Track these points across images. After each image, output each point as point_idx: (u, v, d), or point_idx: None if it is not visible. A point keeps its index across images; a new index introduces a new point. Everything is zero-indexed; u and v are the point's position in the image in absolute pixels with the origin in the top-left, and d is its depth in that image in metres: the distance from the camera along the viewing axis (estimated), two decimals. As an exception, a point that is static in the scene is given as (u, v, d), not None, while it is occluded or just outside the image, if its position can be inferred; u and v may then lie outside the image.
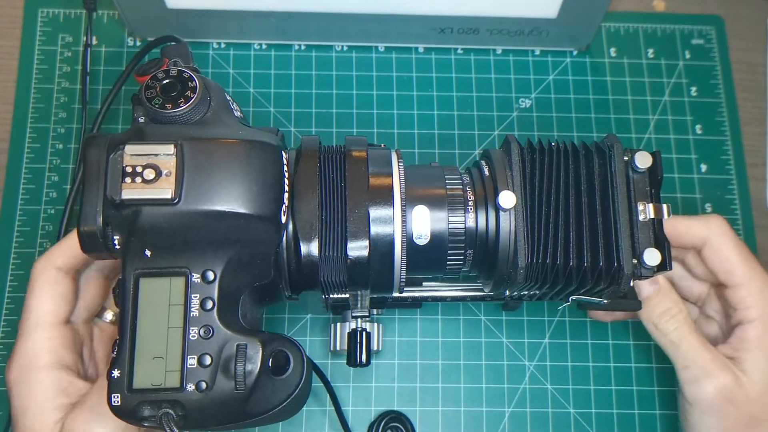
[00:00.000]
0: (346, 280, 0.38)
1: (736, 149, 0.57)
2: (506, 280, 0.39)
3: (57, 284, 0.41)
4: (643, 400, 0.51)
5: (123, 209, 0.34)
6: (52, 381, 0.39)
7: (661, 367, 0.52)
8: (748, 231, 0.55)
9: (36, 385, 0.39)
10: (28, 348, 0.40)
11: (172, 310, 0.34)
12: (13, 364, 0.40)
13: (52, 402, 0.39)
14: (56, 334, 0.40)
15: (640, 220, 0.38)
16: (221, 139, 0.35)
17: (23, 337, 0.40)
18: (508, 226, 0.38)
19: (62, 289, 0.41)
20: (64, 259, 0.41)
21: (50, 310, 0.40)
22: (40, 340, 0.40)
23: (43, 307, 0.40)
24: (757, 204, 0.56)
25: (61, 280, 0.41)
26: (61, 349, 0.40)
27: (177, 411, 0.34)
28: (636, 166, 0.39)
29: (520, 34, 0.56)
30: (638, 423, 0.51)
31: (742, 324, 0.43)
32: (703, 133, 0.57)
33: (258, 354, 0.34)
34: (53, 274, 0.41)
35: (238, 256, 0.35)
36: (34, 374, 0.39)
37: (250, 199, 0.34)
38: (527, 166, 0.39)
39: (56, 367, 0.40)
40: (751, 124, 0.58)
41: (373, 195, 0.37)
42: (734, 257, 0.44)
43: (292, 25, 0.55)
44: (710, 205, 0.55)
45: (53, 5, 0.58)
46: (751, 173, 0.57)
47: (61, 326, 0.41)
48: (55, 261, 0.41)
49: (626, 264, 0.38)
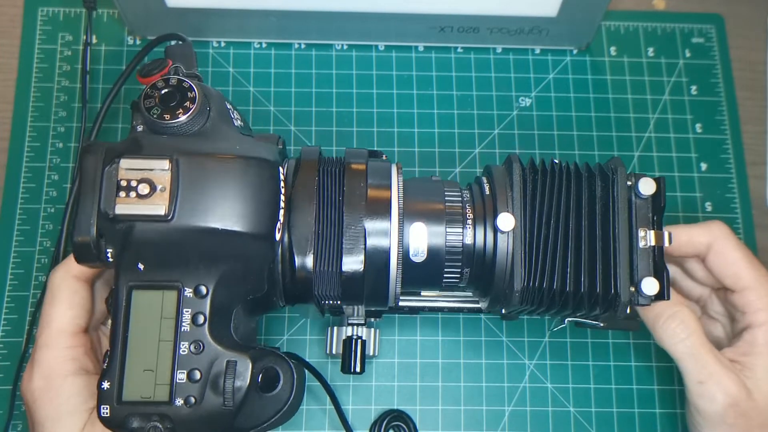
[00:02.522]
0: (340, 294, 0.38)
1: (736, 148, 0.57)
2: (502, 299, 0.39)
3: (77, 293, 0.41)
4: (642, 399, 0.51)
5: (117, 223, 0.34)
6: (81, 386, 0.39)
7: (661, 366, 0.52)
8: (748, 230, 0.55)
9: (65, 392, 0.39)
10: (51, 357, 0.40)
11: (164, 324, 0.34)
12: (35, 375, 0.39)
13: (84, 406, 0.39)
14: (78, 343, 0.40)
15: (640, 246, 0.38)
16: (217, 154, 0.35)
17: (45, 346, 0.40)
18: (506, 248, 0.38)
19: (81, 298, 0.41)
20: (81, 268, 0.41)
21: (71, 319, 0.40)
22: (62, 349, 0.40)
23: (64, 316, 0.40)
24: (757, 203, 0.56)
25: (80, 289, 0.41)
26: (83, 357, 0.40)
27: (165, 424, 0.34)
28: (639, 192, 0.38)
29: (520, 32, 0.56)
30: (638, 422, 0.51)
31: (751, 328, 0.43)
32: (703, 132, 0.57)
33: (247, 371, 0.34)
34: (72, 283, 0.41)
35: (232, 272, 0.35)
36: (61, 382, 0.39)
37: (244, 216, 0.34)
38: (528, 187, 0.39)
39: (82, 373, 0.40)
40: (752, 122, 0.58)
41: (370, 210, 0.37)
42: (740, 261, 0.43)
43: (292, 24, 0.55)
44: (710, 204, 0.55)
45: (53, 4, 0.58)
46: (751, 172, 0.56)
47: (82, 334, 0.41)
48: (73, 270, 0.41)
49: (623, 291, 0.37)
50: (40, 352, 0.40)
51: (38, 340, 0.40)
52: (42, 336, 0.40)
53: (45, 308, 0.41)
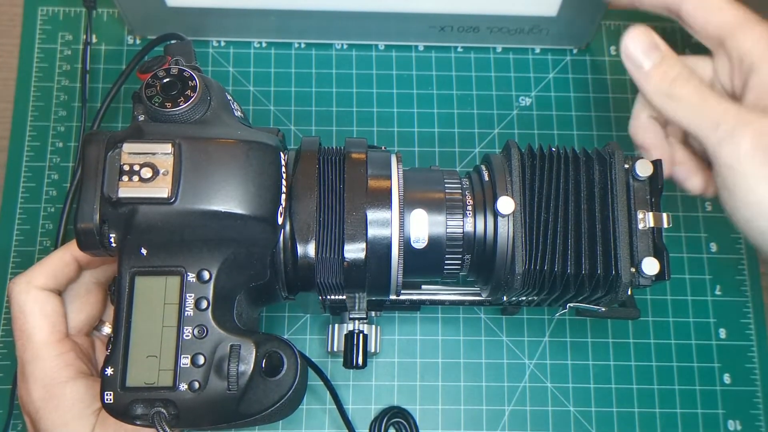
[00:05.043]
0: (343, 282, 0.38)
1: (736, 147, 0.57)
2: (503, 285, 0.39)
3: (45, 302, 0.40)
4: (642, 399, 0.51)
5: (120, 207, 0.34)
6: (83, 390, 0.39)
7: (661, 366, 0.52)
8: (748, 229, 0.55)
9: (69, 398, 0.39)
10: (45, 368, 0.39)
11: (167, 309, 0.34)
12: (32, 387, 0.39)
13: (90, 409, 0.39)
14: (66, 348, 0.40)
15: (639, 228, 0.38)
16: (219, 138, 0.35)
17: (33, 359, 0.39)
18: (506, 232, 0.38)
19: (51, 305, 0.40)
20: (45, 279, 0.40)
21: (51, 327, 0.40)
22: (54, 358, 0.39)
23: (43, 327, 0.39)
24: (757, 202, 0.56)
25: (46, 298, 0.40)
26: (76, 361, 0.40)
27: (169, 410, 0.34)
28: (637, 174, 0.39)
29: (520, 32, 0.56)
30: (638, 421, 0.51)
31: (756, 69, 0.38)
32: (703, 132, 0.57)
33: (251, 355, 0.34)
34: (37, 294, 0.40)
35: (234, 256, 0.35)
36: (62, 388, 0.39)
37: (247, 199, 0.34)
38: (527, 172, 0.39)
39: (80, 376, 0.40)
40: (752, 122, 0.58)
41: (371, 197, 0.37)
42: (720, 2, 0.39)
43: (292, 23, 0.55)
44: (710, 204, 0.55)
45: (53, 3, 0.58)
46: (751, 171, 0.56)
47: (67, 340, 0.40)
48: (35, 281, 0.40)
49: (624, 272, 0.37)
50: (31, 366, 0.39)
51: (23, 356, 0.39)
52: (27, 351, 0.39)
53: (18, 324, 0.40)
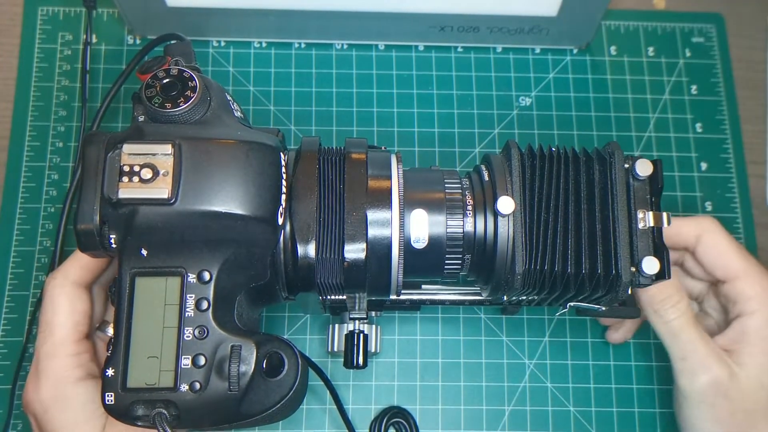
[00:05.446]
0: (343, 282, 0.38)
1: (736, 147, 0.57)
2: (504, 285, 0.39)
3: (76, 300, 0.40)
4: (642, 399, 0.51)
5: (120, 208, 0.34)
6: (93, 392, 0.39)
7: (661, 366, 0.52)
8: (748, 229, 0.55)
9: (79, 399, 0.39)
10: (58, 366, 0.39)
11: (168, 310, 0.34)
12: (43, 385, 0.39)
13: (100, 410, 0.39)
14: (83, 349, 0.40)
15: (639, 228, 0.38)
16: (219, 139, 0.35)
17: (50, 356, 0.39)
18: (506, 232, 0.38)
19: (82, 304, 0.41)
20: (80, 273, 0.41)
21: (74, 326, 0.40)
22: (68, 357, 0.39)
23: (66, 324, 0.40)
24: (757, 202, 0.56)
25: (79, 295, 0.40)
26: (89, 363, 0.40)
27: (170, 411, 0.34)
28: (637, 174, 0.39)
29: (520, 32, 0.56)
30: (638, 421, 0.51)
31: (742, 316, 0.43)
32: (703, 132, 0.57)
33: (252, 355, 0.34)
34: (72, 290, 0.40)
35: (235, 257, 0.35)
36: (72, 390, 0.39)
37: (247, 200, 0.34)
38: (527, 172, 0.39)
39: (90, 378, 0.40)
40: (752, 122, 0.58)
41: (371, 197, 0.37)
42: (729, 251, 0.44)
43: (292, 23, 0.55)
44: (710, 204, 0.55)
45: (53, 3, 0.58)
46: (751, 171, 0.56)
47: (84, 341, 0.41)
48: (71, 276, 0.40)
49: (624, 272, 0.37)
50: (45, 362, 0.39)
51: (41, 350, 0.40)
52: (45, 346, 0.40)
53: (45, 317, 0.40)
